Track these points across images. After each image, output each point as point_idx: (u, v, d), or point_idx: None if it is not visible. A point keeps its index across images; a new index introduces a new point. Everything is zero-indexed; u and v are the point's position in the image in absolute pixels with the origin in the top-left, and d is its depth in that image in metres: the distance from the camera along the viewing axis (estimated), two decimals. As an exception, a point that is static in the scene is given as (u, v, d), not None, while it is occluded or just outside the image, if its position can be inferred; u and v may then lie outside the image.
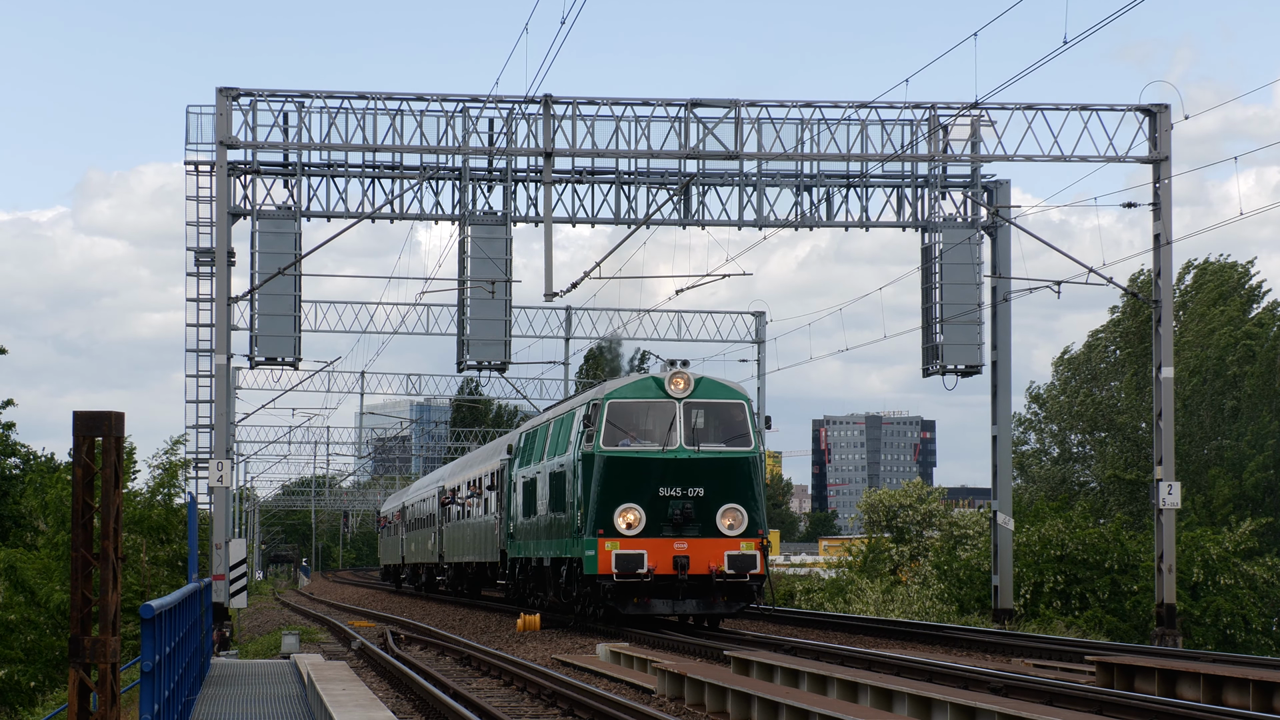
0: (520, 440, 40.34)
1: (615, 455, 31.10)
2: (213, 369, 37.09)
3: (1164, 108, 37.27)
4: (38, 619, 38.66)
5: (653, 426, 31.34)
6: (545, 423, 36.98)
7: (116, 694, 11.45)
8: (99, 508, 11.35)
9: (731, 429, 31.45)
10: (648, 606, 30.77)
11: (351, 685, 19.13)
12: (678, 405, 31.24)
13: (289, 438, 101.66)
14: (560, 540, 33.37)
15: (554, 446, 34.74)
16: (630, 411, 31.43)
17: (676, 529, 30.74)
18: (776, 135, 37.59)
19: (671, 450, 31.08)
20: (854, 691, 17.40)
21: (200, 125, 36.89)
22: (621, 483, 30.90)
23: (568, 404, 36.00)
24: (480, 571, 49.59)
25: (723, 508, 30.96)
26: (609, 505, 30.81)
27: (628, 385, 31.82)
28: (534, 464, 36.77)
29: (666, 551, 30.65)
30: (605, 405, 31.39)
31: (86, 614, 11.44)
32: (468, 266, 38.27)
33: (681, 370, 31.49)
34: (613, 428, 31.25)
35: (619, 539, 30.65)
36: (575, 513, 31.85)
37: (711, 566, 30.63)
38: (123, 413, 11.39)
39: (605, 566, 30.54)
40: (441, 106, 37.16)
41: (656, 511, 30.81)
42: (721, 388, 31.81)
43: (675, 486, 30.91)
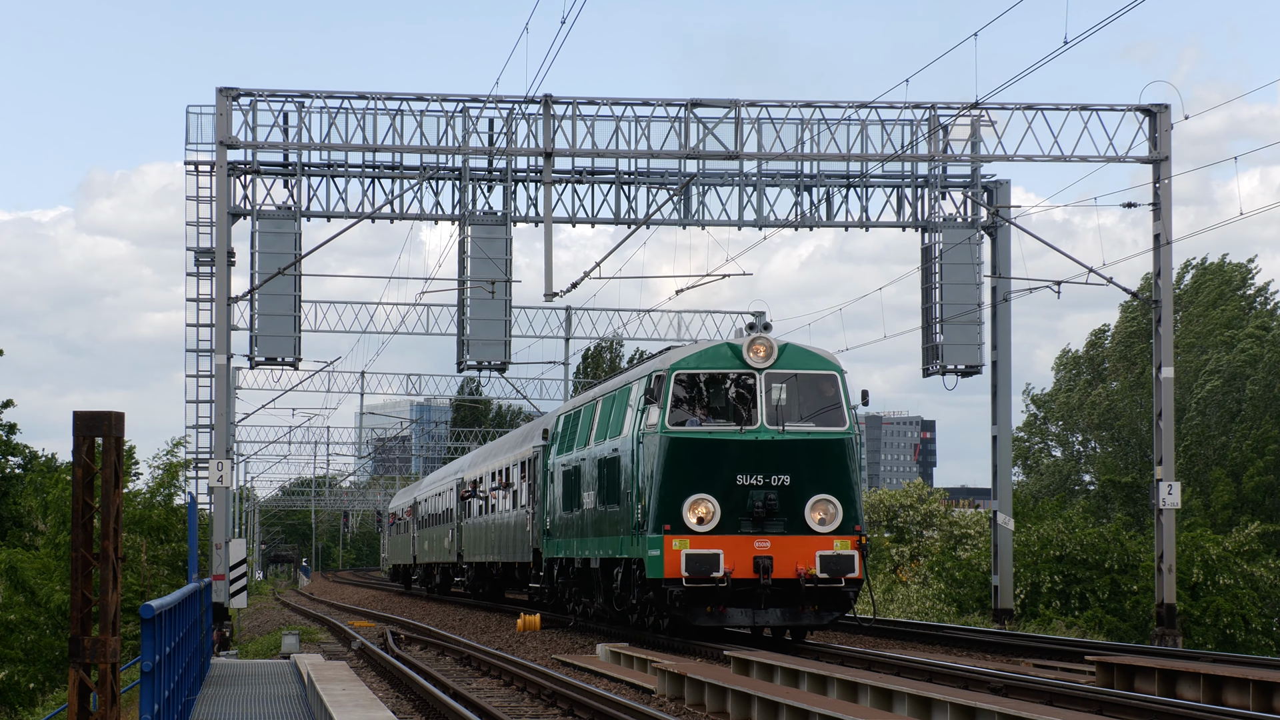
0: (558, 424, 35.10)
1: (683, 436, 26.34)
2: (213, 369, 37.09)
3: (1164, 108, 37.27)
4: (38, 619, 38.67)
5: (728, 402, 26.67)
6: (590, 402, 32.03)
7: (116, 694, 11.45)
8: (99, 508, 11.35)
9: (822, 405, 26.86)
10: (723, 617, 26.02)
11: (351, 685, 19.13)
12: (758, 377, 26.54)
13: (289, 438, 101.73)
14: (613, 538, 28.81)
15: (603, 428, 30.03)
16: (701, 384, 26.76)
17: (757, 525, 26.11)
18: (776, 135, 37.59)
19: (751, 430, 26.34)
20: (854, 691, 17.40)
21: (200, 125, 36.91)
22: (691, 469, 26.21)
23: (620, 378, 30.99)
24: (507, 573, 45.21)
25: (813, 499, 26.29)
26: (676, 496, 26.14)
27: (697, 353, 26.97)
28: (577, 450, 32.02)
29: (745, 551, 26.00)
30: (670, 377, 26.62)
31: (86, 614, 11.44)
32: (468, 266, 38.27)
33: (763, 335, 26.65)
34: (680, 404, 26.57)
35: (689, 536, 25.96)
36: (633, 506, 27.28)
37: (799, 569, 25.95)
38: (122, 413, 11.40)
39: (673, 569, 25.84)
40: (441, 106, 37.16)
41: (733, 503, 26.13)
42: (811, 356, 27.12)
43: (756, 474, 26.22)
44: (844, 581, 26.14)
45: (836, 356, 27.62)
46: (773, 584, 25.94)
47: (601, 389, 31.85)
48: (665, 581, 25.97)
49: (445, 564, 58.34)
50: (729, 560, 25.85)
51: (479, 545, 48.57)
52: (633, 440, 27.48)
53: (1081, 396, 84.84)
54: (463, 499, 51.34)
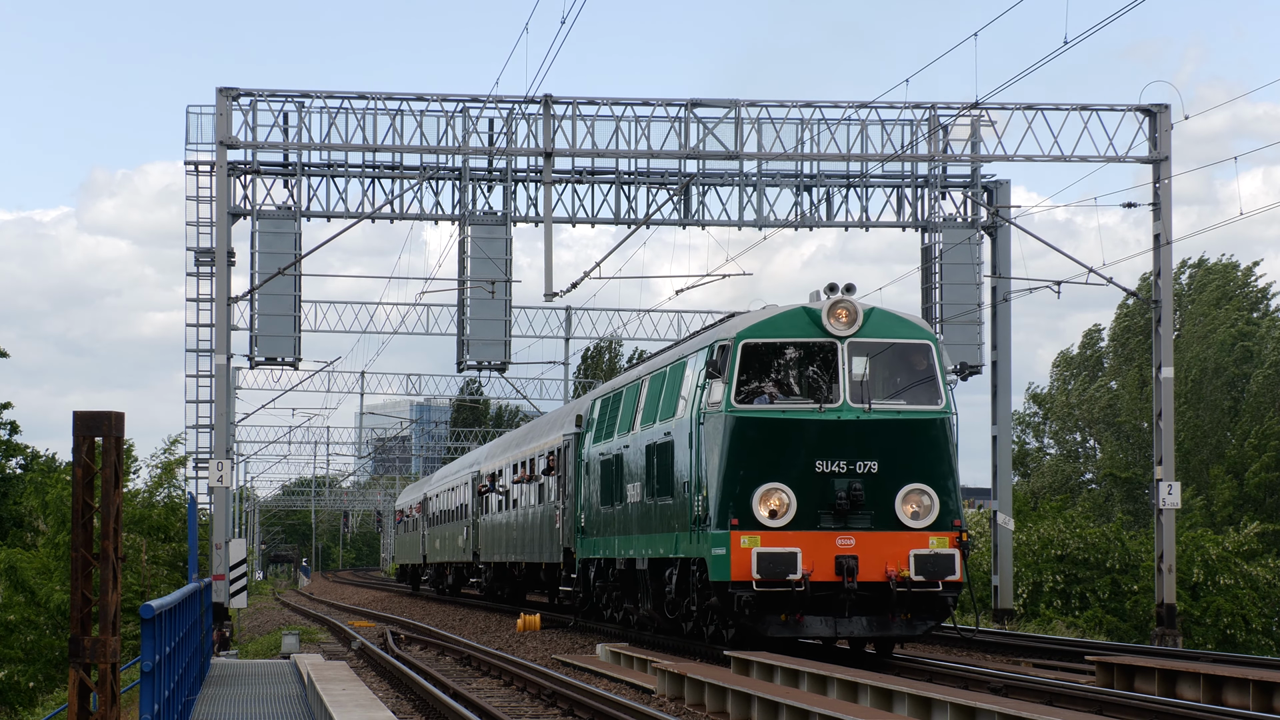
0: (594, 408, 31.69)
1: (753, 416, 22.82)
2: (213, 369, 37.11)
3: (1164, 108, 37.27)
4: (38, 619, 38.68)
5: (805, 376, 23.26)
6: (634, 382, 28.57)
7: (116, 694, 11.45)
8: (99, 508, 11.35)
9: (914, 379, 23.46)
10: (799, 627, 22.48)
11: (351, 685, 19.13)
12: (840, 346, 23.07)
13: (289, 438, 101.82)
14: (665, 535, 25.37)
15: (651, 410, 26.67)
16: (773, 355, 23.25)
17: (839, 519, 22.66)
18: (776, 135, 37.60)
19: (833, 409, 22.82)
20: (854, 691, 17.40)
21: (200, 125, 36.93)
22: (762, 454, 22.75)
23: (672, 352, 27.21)
24: (532, 573, 41.64)
25: (904, 489, 22.86)
26: (745, 486, 22.64)
27: (768, 319, 23.39)
28: (618, 436, 28.70)
29: (826, 549, 22.52)
30: (738, 348, 23.08)
31: (86, 614, 11.44)
32: (468, 266, 38.29)
33: (845, 298, 23.18)
34: (748, 378, 23.09)
35: (759, 532, 22.42)
36: (691, 498, 23.86)
37: (889, 571, 22.50)
38: (122, 413, 11.40)
39: (742, 570, 22.29)
40: (441, 106, 37.18)
41: (811, 494, 22.66)
42: (900, 322, 23.61)
43: (838, 459, 22.75)
44: (941, 585, 22.67)
45: (927, 323, 24.55)
46: (859, 588, 22.44)
47: (647, 366, 28.42)
48: (732, 585, 22.33)
49: (459, 564, 55.51)
50: (807, 560, 22.32)
51: (498, 544, 45.41)
52: (691, 422, 23.95)
53: (1079, 395, 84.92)
54: (480, 494, 48.10)
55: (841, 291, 23.27)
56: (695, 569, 23.81)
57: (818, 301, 23.42)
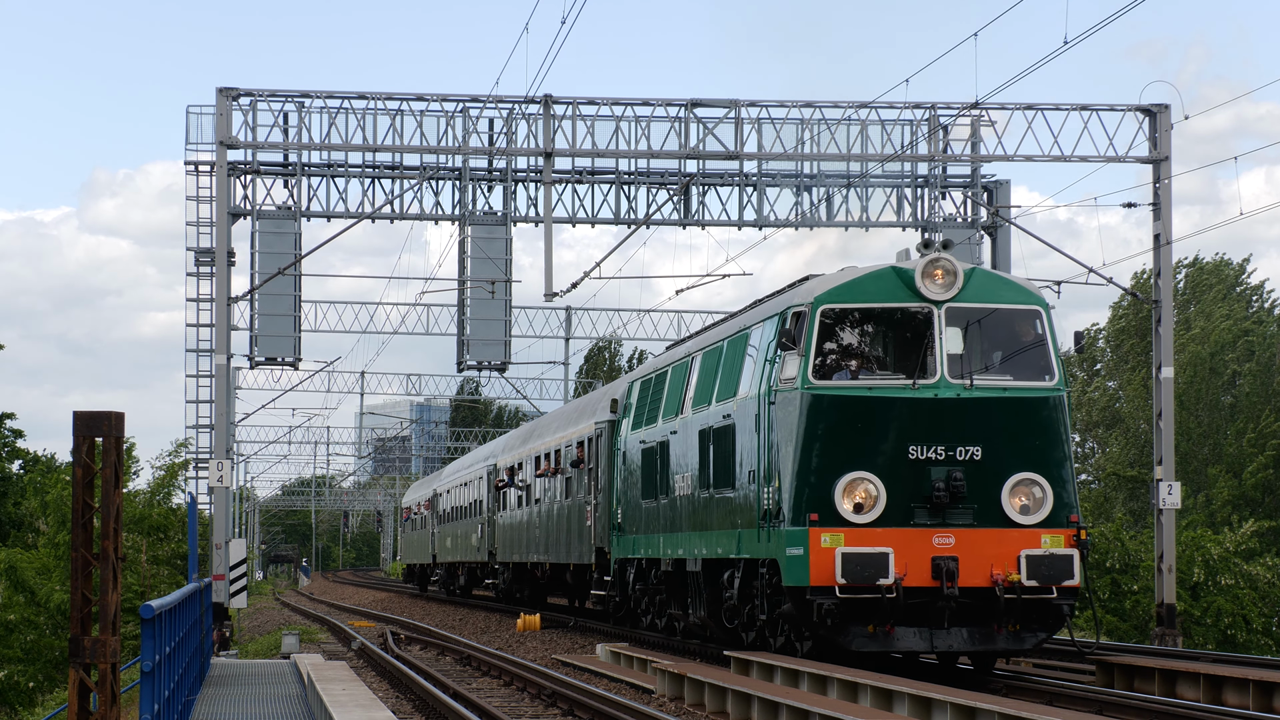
0: (631, 392, 28.81)
1: (835, 394, 19.82)
2: (213, 369, 37.11)
3: (1164, 108, 37.27)
4: (38, 619, 38.67)
5: (895, 347, 20.30)
6: (682, 360, 25.56)
7: (116, 694, 11.46)
8: (99, 508, 11.35)
9: (1024, 350, 20.46)
10: (889, 640, 19.50)
11: (351, 685, 19.14)
12: (937, 312, 20.01)
13: (289, 438, 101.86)
14: (724, 533, 22.44)
15: (705, 390, 23.67)
16: (857, 323, 20.25)
17: (936, 513, 19.71)
18: (776, 135, 37.60)
19: (928, 385, 19.80)
20: (854, 691, 17.40)
21: (200, 125, 36.93)
22: (846, 438, 19.79)
23: (733, 322, 23.85)
24: (557, 574, 38.86)
25: (1013, 479, 19.87)
26: (826, 475, 19.69)
27: (852, 281, 20.39)
28: (663, 421, 25.78)
29: (921, 550, 19.57)
30: (815, 314, 20.06)
31: (86, 614, 11.45)
32: (468, 266, 38.31)
33: (943, 256, 20.14)
34: (828, 349, 20.08)
35: (844, 529, 19.53)
36: (759, 489, 20.96)
37: (995, 575, 19.57)
38: (122, 413, 11.40)
39: (823, 574, 19.38)
40: (441, 106, 37.18)
41: (904, 485, 19.71)
42: (1006, 284, 20.70)
43: (934, 444, 19.77)
44: (1055, 591, 19.68)
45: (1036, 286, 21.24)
46: (960, 594, 19.52)
47: (698, 342, 25.23)
48: (811, 591, 19.47)
49: (472, 564, 52.70)
50: (900, 562, 19.35)
51: (518, 543, 42.27)
52: (758, 402, 20.96)
53: (1078, 397, 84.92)
54: (497, 489, 44.98)
55: (937, 248, 20.11)
56: (764, 571, 20.84)
57: (909, 260, 20.30)
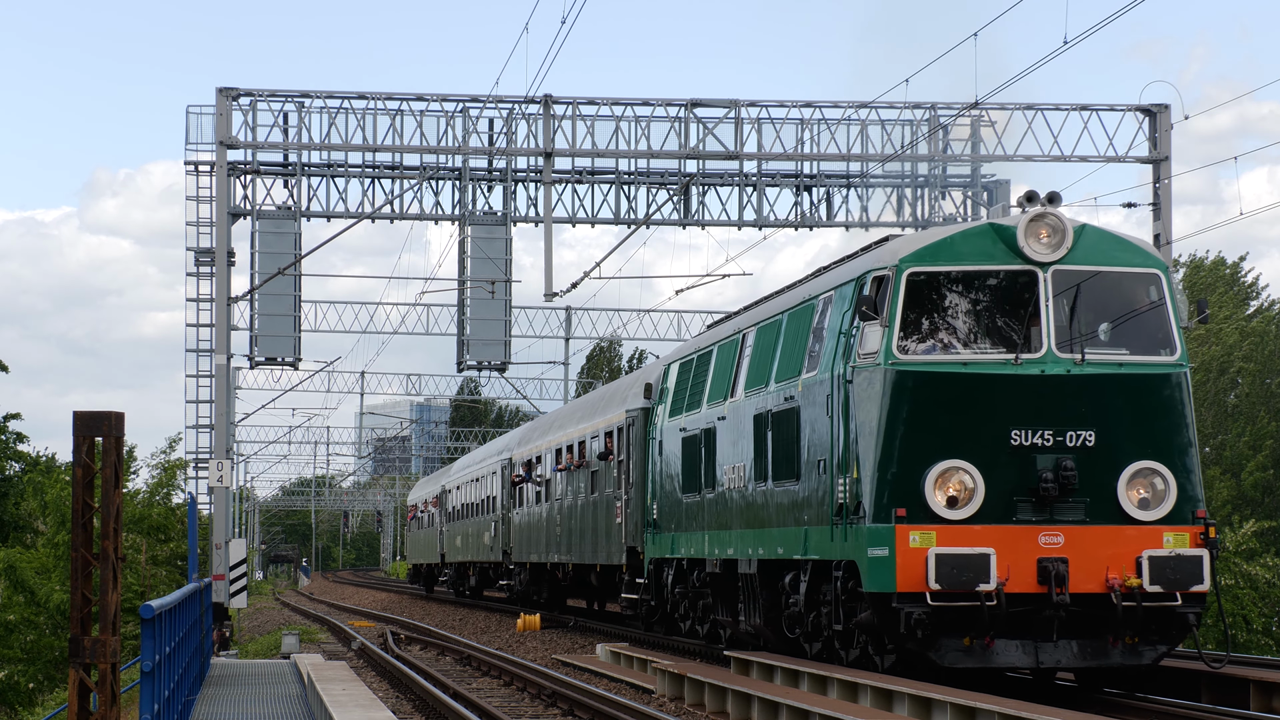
0: (669, 375, 26.22)
1: (926, 370, 17.26)
2: (213, 369, 37.13)
3: (1164, 108, 37.28)
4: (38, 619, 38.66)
5: (995, 316, 17.57)
6: (732, 337, 22.82)
7: (116, 694, 11.46)
8: (99, 508, 11.35)
9: (1142, 320, 17.78)
10: (988, 654, 16.95)
11: (351, 685, 19.13)
12: (1043, 276, 17.40)
13: (289, 438, 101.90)
14: (787, 530, 19.84)
15: (762, 369, 21.08)
16: (950, 289, 17.59)
17: (1042, 508, 17.10)
18: (776, 135, 37.61)
19: (1033, 360, 17.22)
20: (854, 691, 17.38)
21: (200, 125, 36.96)
22: (938, 421, 17.21)
23: (795, 292, 20.92)
24: (580, 576, 36.31)
25: (1130, 468, 17.30)
26: (914, 464, 17.12)
27: (944, 240, 17.76)
28: (708, 406, 23.24)
29: (1026, 550, 16.98)
30: (901, 278, 17.45)
31: (86, 614, 11.45)
32: (468, 266, 38.32)
33: (1050, 211, 17.50)
34: (917, 320, 17.44)
35: (936, 526, 16.96)
36: (831, 480, 18.35)
37: (1110, 579, 16.99)
38: (122, 413, 11.40)
39: (912, 578, 16.83)
40: (441, 106, 37.20)
41: (1005, 474, 17.13)
42: (1120, 244, 17.95)
43: (1041, 428, 17.16)
44: (1180, 598, 17.13)
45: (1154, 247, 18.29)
46: (1071, 602, 16.89)
47: (751, 316, 22.48)
48: (898, 598, 16.87)
49: (485, 564, 50.10)
50: (1002, 565, 16.79)
51: (536, 542, 39.63)
52: (831, 381, 18.34)
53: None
54: (513, 484, 42.56)
55: (1042, 202, 17.49)
56: (840, 575, 18.30)
57: (1013, 215, 17.93)
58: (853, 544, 17.71)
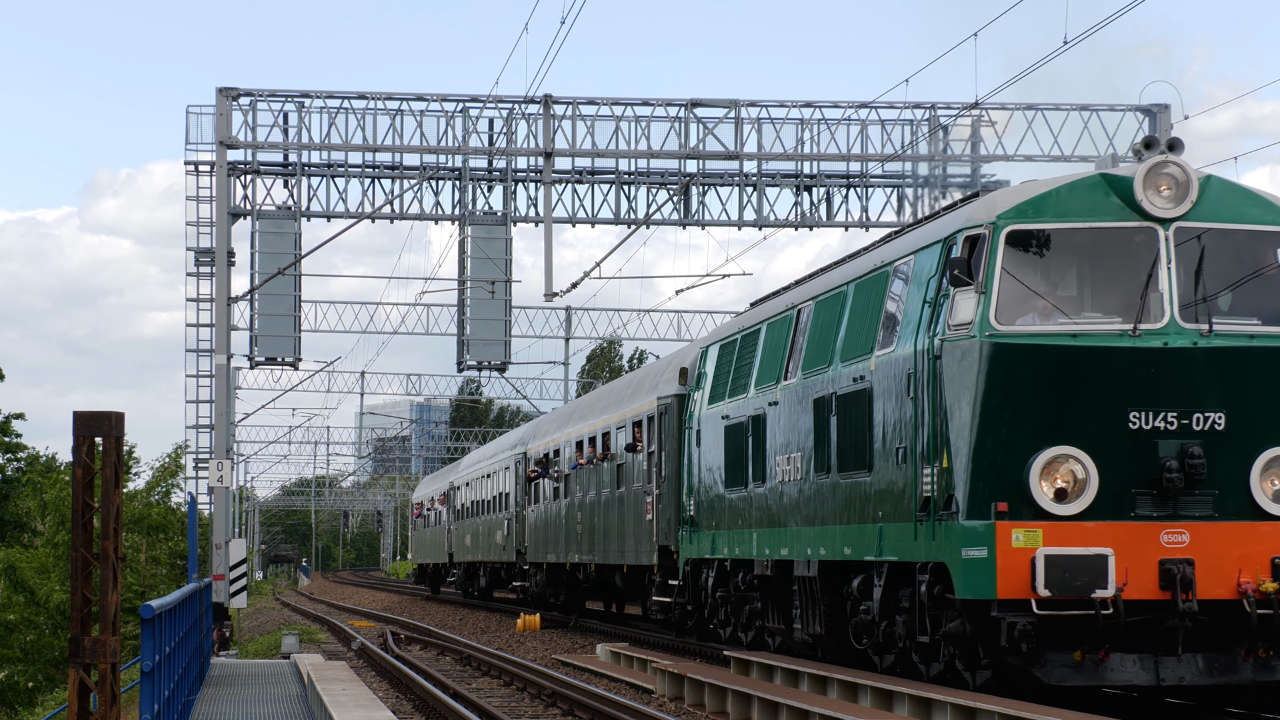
0: (707, 359, 23.95)
1: (1029, 343, 15.05)
2: (213, 369, 37.15)
3: (1164, 107, 37.30)
4: (37, 619, 38.68)
5: (1108, 281, 15.48)
6: (785, 314, 20.58)
7: (116, 694, 11.46)
8: (99, 508, 11.35)
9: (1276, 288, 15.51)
10: (1101, 671, 14.83)
11: (351, 685, 19.14)
12: (1164, 234, 15.20)
13: (289, 438, 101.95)
14: (856, 527, 17.65)
15: (822, 347, 18.89)
16: (1056, 249, 15.52)
17: (1165, 502, 14.93)
18: (776, 135, 37.62)
19: (1154, 331, 15.00)
20: (854, 692, 17.38)
21: (200, 125, 36.99)
22: (1044, 402, 15.05)
23: (864, 260, 18.64)
24: (603, 577, 34.35)
25: (1265, 456, 15.11)
26: (1016, 452, 14.99)
27: (1049, 193, 15.50)
28: (757, 391, 21.01)
29: (1146, 550, 14.85)
30: (1000, 237, 15.22)
31: (86, 614, 11.45)
32: (468, 266, 38.33)
33: (1171, 159, 15.33)
34: (1017, 285, 15.21)
35: (1043, 523, 14.83)
36: (915, 471, 16.08)
37: (1243, 583, 14.85)
38: (122, 413, 11.40)
39: (1015, 583, 14.71)
40: (441, 106, 37.22)
41: (1121, 463, 14.94)
42: (1249, 198, 15.75)
43: (1163, 409, 14.93)
44: None
45: None
46: (1199, 609, 14.79)
47: (806, 290, 20.24)
48: (998, 605, 14.79)
49: (497, 564, 47.89)
50: (1119, 567, 14.68)
51: (554, 541, 37.47)
52: (915, 357, 16.07)
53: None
54: (529, 479, 40.35)
55: (1162, 149, 15.39)
56: (926, 579, 15.96)
57: (1128, 165, 15.83)
58: (942, 543, 15.46)
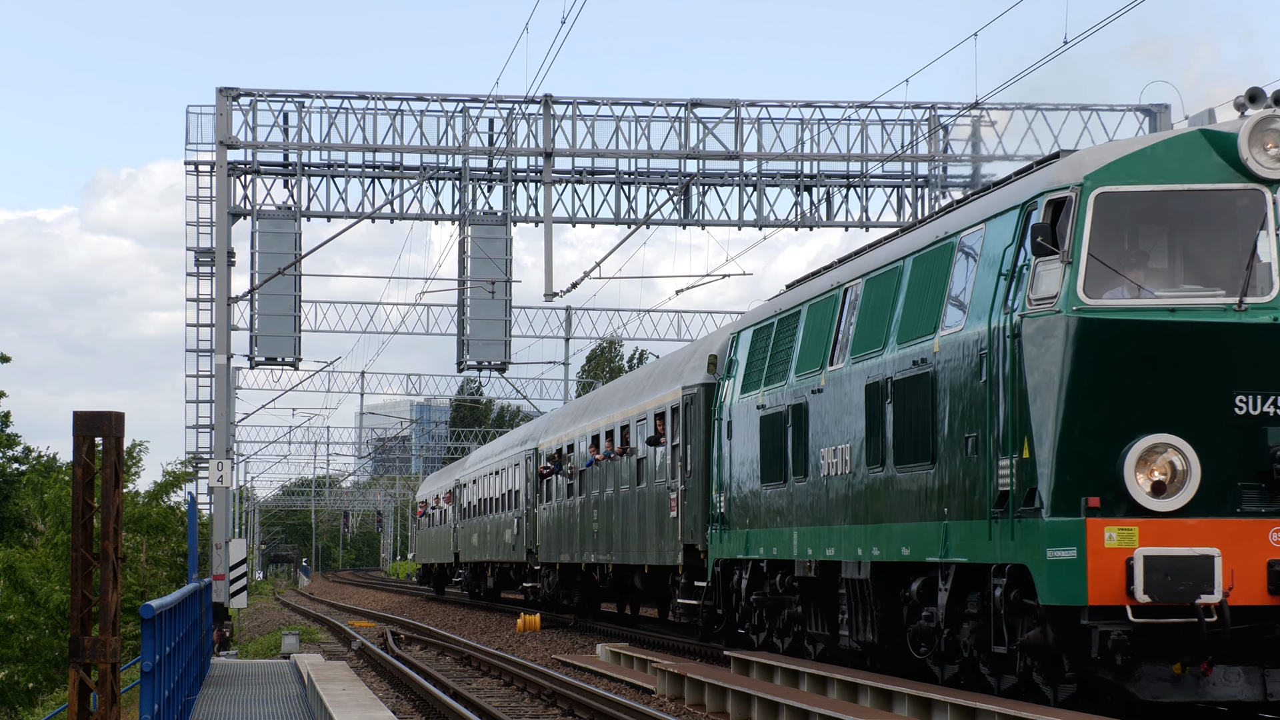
0: (738, 344, 22.60)
1: (1124, 318, 13.56)
2: (213, 369, 37.15)
3: (1164, 107, 37.30)
4: (37, 619, 38.67)
5: (1209, 250, 14.06)
6: (829, 294, 19.14)
7: (116, 694, 11.46)
8: (99, 508, 11.35)
9: None
10: (1203, 685, 13.36)
11: (352, 685, 19.13)
12: (1271, 197, 13.75)
13: (289, 438, 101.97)
14: (916, 525, 16.12)
15: (874, 329, 17.45)
16: (1150, 214, 14.09)
17: (1273, 496, 13.44)
18: (776, 135, 37.63)
19: (1262, 306, 13.54)
20: (854, 692, 17.38)
21: (200, 125, 37.00)
22: (1139, 385, 13.53)
23: (921, 232, 17.21)
24: (620, 578, 32.58)
25: None
26: (1108, 440, 13.51)
27: (1144, 150, 14.00)
28: (797, 378, 19.63)
29: (1254, 550, 13.37)
30: (1089, 200, 13.69)
31: (86, 614, 11.45)
32: (468, 266, 38.34)
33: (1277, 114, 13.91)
34: (1108, 254, 13.74)
35: (1139, 519, 13.32)
36: (989, 462, 14.53)
37: None
38: (122, 413, 11.40)
39: (1108, 587, 13.23)
40: (441, 106, 37.23)
41: (1226, 453, 13.46)
42: None
43: (1272, 393, 13.46)
44: None
45: None
46: None
47: (854, 268, 18.78)
48: (1090, 612, 13.31)
49: (505, 564, 46.45)
50: (1226, 569, 13.18)
51: (567, 540, 35.83)
52: (989, 335, 14.59)
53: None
54: (540, 476, 38.82)
55: (1269, 102, 13.94)
56: (1001, 582, 14.49)
57: (1229, 121, 14.17)
58: (1022, 543, 13.95)
